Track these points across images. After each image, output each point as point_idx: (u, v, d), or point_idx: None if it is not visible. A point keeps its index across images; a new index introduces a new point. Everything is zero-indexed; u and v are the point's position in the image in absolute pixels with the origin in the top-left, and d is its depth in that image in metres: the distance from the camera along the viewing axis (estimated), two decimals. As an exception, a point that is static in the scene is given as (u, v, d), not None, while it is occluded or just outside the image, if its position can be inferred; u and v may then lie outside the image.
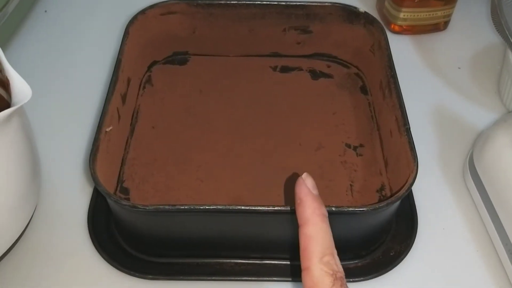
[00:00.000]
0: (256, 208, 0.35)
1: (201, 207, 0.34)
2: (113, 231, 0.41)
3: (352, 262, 0.40)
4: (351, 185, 0.44)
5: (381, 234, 0.41)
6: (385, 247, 0.41)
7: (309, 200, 0.30)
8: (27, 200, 0.37)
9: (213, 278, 0.39)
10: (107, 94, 0.42)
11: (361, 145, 0.46)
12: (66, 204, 0.42)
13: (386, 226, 0.41)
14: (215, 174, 0.44)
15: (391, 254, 0.40)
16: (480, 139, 0.43)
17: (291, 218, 0.36)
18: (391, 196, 0.39)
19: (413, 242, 0.41)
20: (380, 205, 0.35)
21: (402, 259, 0.40)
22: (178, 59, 0.53)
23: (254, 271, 0.39)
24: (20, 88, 0.33)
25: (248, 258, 0.40)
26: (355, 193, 0.43)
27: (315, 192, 0.31)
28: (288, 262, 0.40)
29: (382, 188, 0.43)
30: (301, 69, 0.53)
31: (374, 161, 0.45)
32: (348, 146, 0.46)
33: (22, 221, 0.38)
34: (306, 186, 0.31)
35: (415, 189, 0.43)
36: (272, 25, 0.51)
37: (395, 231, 0.41)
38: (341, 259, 0.39)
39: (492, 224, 0.40)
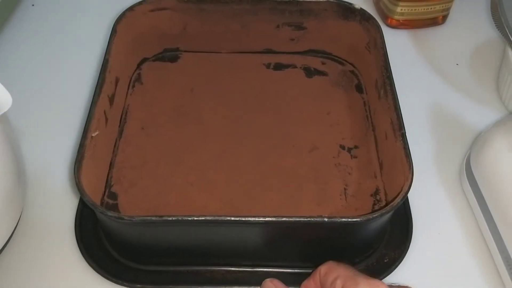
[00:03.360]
0: (246, 219, 0.34)
1: (189, 218, 0.33)
2: (101, 238, 0.40)
3: (345, 269, 0.39)
4: (345, 188, 0.43)
5: (375, 240, 0.40)
6: (379, 253, 0.40)
7: None
8: (11, 208, 0.36)
9: (204, 286, 0.38)
10: (93, 97, 0.40)
11: (355, 147, 0.45)
12: (52, 211, 0.41)
13: (380, 232, 0.40)
14: (207, 177, 0.43)
15: (385, 260, 0.39)
16: (478, 142, 0.42)
17: (282, 227, 0.35)
18: (386, 204, 0.38)
19: (408, 248, 0.40)
20: (374, 215, 0.34)
21: (397, 266, 0.39)
22: (169, 56, 0.52)
23: (246, 279, 0.38)
24: (0, 96, 0.31)
25: (240, 266, 0.39)
26: (349, 197, 0.42)
27: None
28: (280, 270, 0.39)
29: (376, 192, 0.42)
30: (295, 66, 0.51)
31: (368, 163, 0.44)
32: (343, 147, 0.45)
33: (6, 229, 0.37)
34: None
35: (410, 192, 0.42)
36: (265, 21, 0.50)
37: (389, 237, 0.40)
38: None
39: (488, 230, 0.39)
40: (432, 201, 0.43)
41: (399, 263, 0.39)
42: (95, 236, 0.40)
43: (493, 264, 0.39)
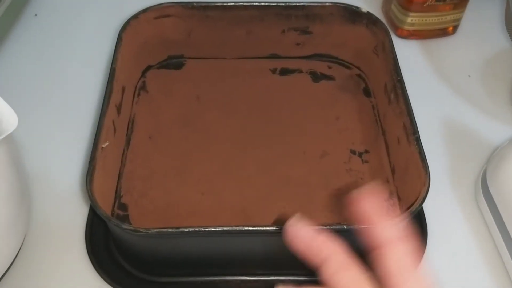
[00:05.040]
0: (264, 228, 0.33)
1: (206, 229, 0.33)
2: (112, 250, 0.39)
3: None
4: (358, 194, 0.42)
5: (391, 246, 0.39)
6: (395, 259, 0.39)
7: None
8: (14, 229, 0.35)
9: (219, 297, 0.37)
10: (102, 107, 0.40)
11: (366, 151, 0.45)
12: (62, 222, 0.40)
13: (396, 238, 0.39)
14: (217, 186, 0.42)
15: (402, 266, 0.39)
16: (494, 158, 0.41)
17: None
18: (404, 211, 0.37)
19: (422, 255, 0.39)
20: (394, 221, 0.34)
21: (413, 272, 0.39)
22: (173, 63, 0.51)
23: (261, 288, 0.38)
24: (6, 116, 0.30)
25: (255, 275, 0.38)
26: (362, 202, 0.42)
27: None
28: (295, 278, 0.38)
29: (390, 197, 0.42)
30: (301, 71, 0.51)
31: (380, 168, 0.44)
32: (353, 152, 0.45)
33: (13, 247, 0.36)
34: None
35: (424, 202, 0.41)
36: (270, 27, 0.49)
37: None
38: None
39: (505, 247, 0.38)
40: (446, 215, 0.42)
41: (415, 269, 0.39)
42: (106, 247, 0.39)
43: (511, 283, 0.39)
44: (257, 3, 0.48)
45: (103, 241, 0.40)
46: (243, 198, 0.42)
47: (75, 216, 0.41)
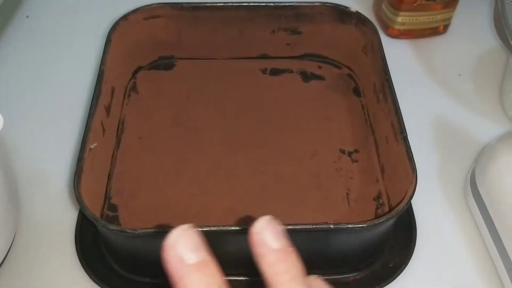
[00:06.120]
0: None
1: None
2: (102, 251, 0.39)
3: (351, 275, 0.39)
4: (347, 193, 0.42)
5: (380, 246, 0.39)
6: (384, 259, 0.39)
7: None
8: (2, 230, 0.35)
9: (208, 297, 0.37)
10: (90, 109, 0.40)
11: (356, 151, 0.45)
12: (51, 225, 0.40)
13: (384, 237, 0.39)
14: (207, 187, 0.42)
15: (390, 265, 0.39)
16: (483, 157, 0.41)
17: (291, 235, 0.35)
18: (390, 209, 0.38)
19: (412, 253, 0.40)
20: (380, 220, 0.34)
21: (402, 270, 0.39)
22: (164, 63, 0.51)
23: (251, 289, 0.38)
24: None
25: (252, 276, 0.38)
26: (351, 201, 0.42)
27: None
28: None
29: (379, 196, 0.42)
30: (292, 71, 0.51)
31: (370, 167, 0.44)
32: (343, 152, 0.45)
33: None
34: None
35: (413, 200, 0.42)
36: (260, 27, 0.49)
37: (393, 242, 0.40)
38: (340, 273, 0.39)
39: (494, 245, 0.38)
40: (435, 213, 0.42)
41: (404, 268, 0.39)
42: (96, 249, 0.39)
43: (499, 280, 0.39)
44: (246, 4, 0.48)
45: (93, 242, 0.40)
46: (234, 198, 0.42)
47: (65, 217, 0.41)
